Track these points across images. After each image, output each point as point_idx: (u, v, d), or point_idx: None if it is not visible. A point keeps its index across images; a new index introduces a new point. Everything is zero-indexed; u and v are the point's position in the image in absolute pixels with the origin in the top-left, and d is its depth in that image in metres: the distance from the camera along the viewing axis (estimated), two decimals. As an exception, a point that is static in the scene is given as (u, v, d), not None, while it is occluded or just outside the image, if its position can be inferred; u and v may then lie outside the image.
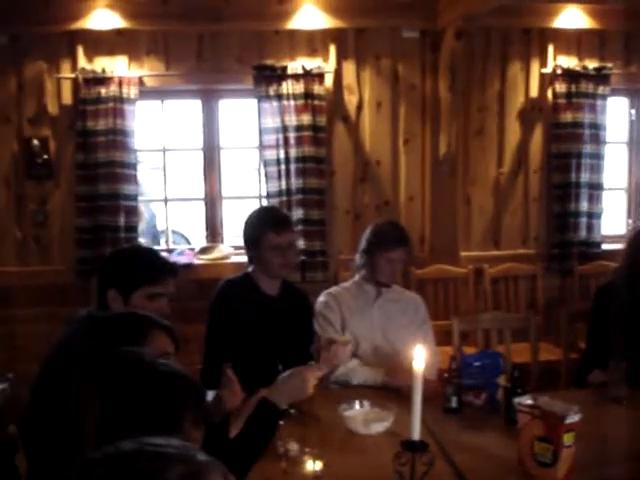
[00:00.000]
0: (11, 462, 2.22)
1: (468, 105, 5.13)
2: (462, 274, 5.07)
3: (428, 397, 2.27)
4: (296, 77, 4.82)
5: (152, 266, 2.57)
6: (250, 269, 3.33)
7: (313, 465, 2.15)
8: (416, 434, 2.04)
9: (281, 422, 2.70)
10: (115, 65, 4.78)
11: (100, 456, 1.06)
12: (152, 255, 2.70)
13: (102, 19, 4.67)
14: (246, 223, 3.32)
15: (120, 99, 4.74)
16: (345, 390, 3.12)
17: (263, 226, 3.22)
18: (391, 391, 3.05)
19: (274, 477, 2.15)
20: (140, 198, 5.15)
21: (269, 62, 4.83)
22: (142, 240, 5.12)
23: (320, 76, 4.86)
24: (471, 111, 5.15)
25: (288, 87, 4.82)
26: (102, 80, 4.73)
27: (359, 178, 5.11)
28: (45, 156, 4.88)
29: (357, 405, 2.75)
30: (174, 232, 6.35)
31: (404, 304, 3.48)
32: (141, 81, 4.81)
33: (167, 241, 5.37)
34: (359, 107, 5.03)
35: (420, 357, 2.04)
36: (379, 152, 5.10)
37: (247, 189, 5.51)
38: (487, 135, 5.21)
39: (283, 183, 4.91)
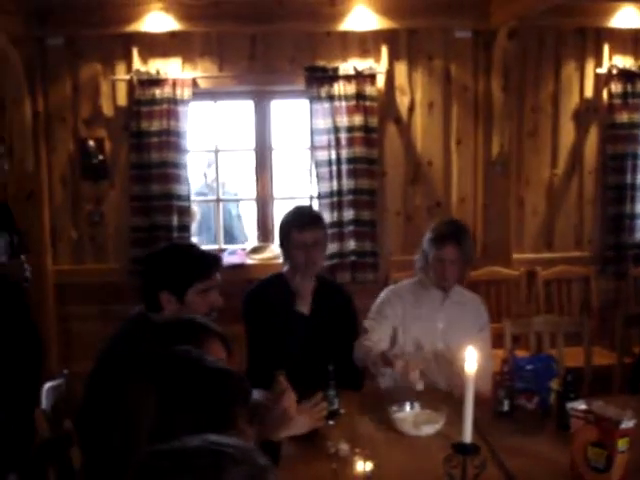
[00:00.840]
0: (66, 456, 2.27)
1: (521, 105, 5.07)
2: (514, 276, 5.01)
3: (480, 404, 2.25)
4: (348, 78, 4.83)
5: (199, 262, 2.60)
6: (284, 269, 3.36)
7: (363, 466, 2.15)
8: (468, 437, 2.03)
9: (331, 422, 2.71)
10: (169, 67, 4.85)
11: (167, 449, 1.08)
12: (195, 251, 2.72)
13: (156, 21, 4.73)
14: (281, 222, 3.36)
15: (174, 100, 4.80)
16: (396, 391, 3.09)
17: (289, 224, 3.27)
18: (442, 393, 3.04)
19: (325, 477, 2.15)
20: (192, 198, 5.21)
21: (321, 63, 4.85)
22: (195, 239, 5.16)
23: (372, 77, 4.85)
24: (524, 111, 5.09)
25: (340, 88, 4.83)
26: (156, 82, 4.80)
27: (410, 179, 5.09)
28: (100, 157, 4.97)
29: (408, 407, 2.75)
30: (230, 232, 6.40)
31: (467, 307, 3.37)
32: (194, 82, 4.86)
33: (219, 240, 5.42)
34: (411, 108, 5.01)
35: (472, 359, 2.03)
36: (431, 153, 5.07)
37: (298, 190, 5.52)
38: (541, 136, 5.14)
39: (334, 184, 4.92)
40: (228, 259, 5.07)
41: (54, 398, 2.51)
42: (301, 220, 3.28)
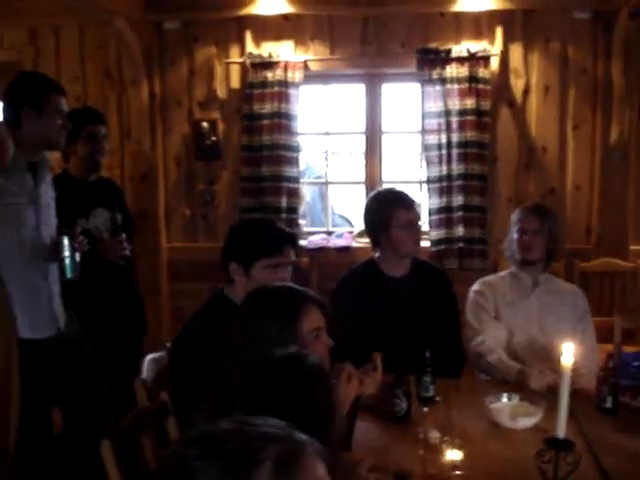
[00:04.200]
0: (161, 426, 2.35)
1: (643, 90, 4.83)
2: (631, 268, 4.79)
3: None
4: (460, 60, 4.73)
5: (270, 237, 2.60)
6: (376, 254, 3.31)
7: (453, 454, 2.11)
8: (561, 432, 1.96)
9: (425, 409, 2.69)
10: (281, 50, 4.89)
11: (197, 434, 1.08)
12: (270, 227, 2.71)
13: (269, 4, 4.77)
14: (369, 206, 3.31)
15: (285, 83, 4.85)
16: (493, 382, 3.03)
17: (392, 205, 3.20)
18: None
19: (412, 463, 2.13)
20: (302, 180, 5.26)
21: (433, 45, 4.76)
22: (302, 222, 5.21)
23: (485, 59, 4.73)
24: (646, 96, 4.85)
25: (452, 70, 4.74)
26: (268, 64, 4.86)
27: (523, 164, 4.94)
28: (213, 138, 5.09)
29: (505, 398, 2.67)
30: (340, 216, 6.43)
31: (563, 295, 3.28)
32: (306, 65, 4.89)
33: (328, 224, 5.45)
34: (526, 91, 4.85)
35: (569, 353, 1.96)
36: (545, 138, 4.90)
37: (407, 174, 5.48)
38: (664, 122, 4.89)
39: (444, 168, 4.84)
40: (335, 242, 5.11)
41: (156, 370, 2.59)
42: (405, 199, 3.25)
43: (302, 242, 5.08)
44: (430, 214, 4.92)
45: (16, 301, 2.86)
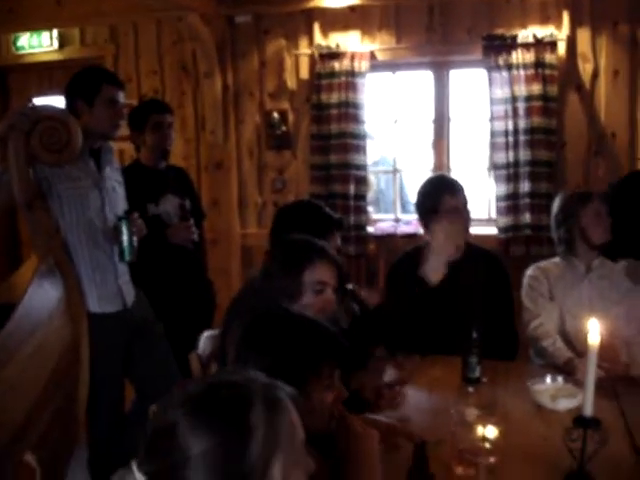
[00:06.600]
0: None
1: None
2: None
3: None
4: (527, 46, 4.70)
5: (316, 220, 2.71)
6: (427, 240, 3.38)
7: (487, 431, 2.16)
8: (588, 410, 2.01)
9: (470, 389, 2.76)
10: (348, 40, 4.99)
11: (204, 381, 1.22)
12: (317, 210, 2.83)
13: (337, -4, 4.88)
14: (420, 191, 3.38)
15: (352, 73, 4.94)
16: (546, 367, 3.04)
17: (438, 191, 3.26)
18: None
19: (445, 438, 2.20)
20: (370, 168, 5.35)
21: (499, 31, 4.75)
22: (370, 209, 5.30)
23: (552, 44, 4.69)
24: None
25: (518, 56, 4.71)
26: (336, 55, 4.97)
27: (592, 151, 4.87)
28: (284, 128, 5.24)
29: (548, 379, 2.71)
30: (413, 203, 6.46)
31: (617, 278, 3.27)
32: (372, 55, 4.97)
33: (396, 210, 5.52)
34: (594, 76, 4.78)
35: (595, 331, 2.00)
36: (615, 124, 4.81)
37: (475, 161, 5.48)
38: None
39: (511, 155, 4.83)
40: (403, 229, 5.19)
41: (212, 346, 2.74)
42: (452, 184, 3.31)
43: (369, 229, 5.18)
44: (497, 201, 4.93)
45: (84, 278, 3.09)
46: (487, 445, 2.13)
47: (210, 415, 1.14)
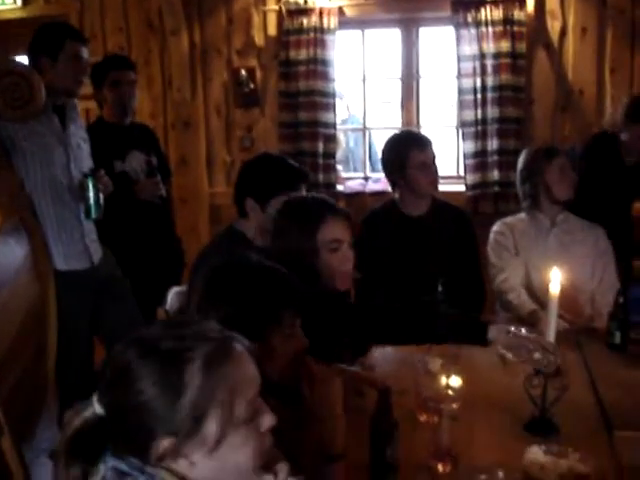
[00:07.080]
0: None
1: (685, 30, 4.71)
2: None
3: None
4: (495, 3, 4.67)
5: (285, 173, 2.70)
6: (396, 195, 3.39)
7: (451, 380, 2.20)
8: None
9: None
10: (317, -5, 4.93)
11: (134, 337, 1.23)
12: (284, 163, 2.81)
13: (305, -50, 4.81)
14: (387, 147, 3.39)
15: (321, 29, 4.89)
16: (511, 320, 3.08)
17: (407, 146, 3.27)
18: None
19: (409, 389, 2.23)
20: (338, 127, 5.33)
21: (468, -13, 4.74)
22: (339, 167, 5.30)
23: (521, 1, 4.67)
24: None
25: (487, 13, 4.70)
26: (304, 11, 4.91)
27: (560, 108, 4.90)
28: (251, 85, 5.19)
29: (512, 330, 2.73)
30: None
31: (583, 234, 3.32)
32: (341, 11, 4.92)
33: (365, 169, 5.53)
34: (562, 33, 4.78)
35: (556, 280, 2.04)
36: (583, 81, 4.83)
37: (443, 118, 5.50)
38: None
39: (479, 112, 4.84)
40: (372, 187, 5.19)
41: (179, 301, 2.74)
42: (419, 139, 3.31)
43: (339, 187, 5.18)
44: (465, 158, 4.94)
45: (50, 235, 3.08)
46: (450, 393, 2.17)
47: (153, 364, 1.17)
